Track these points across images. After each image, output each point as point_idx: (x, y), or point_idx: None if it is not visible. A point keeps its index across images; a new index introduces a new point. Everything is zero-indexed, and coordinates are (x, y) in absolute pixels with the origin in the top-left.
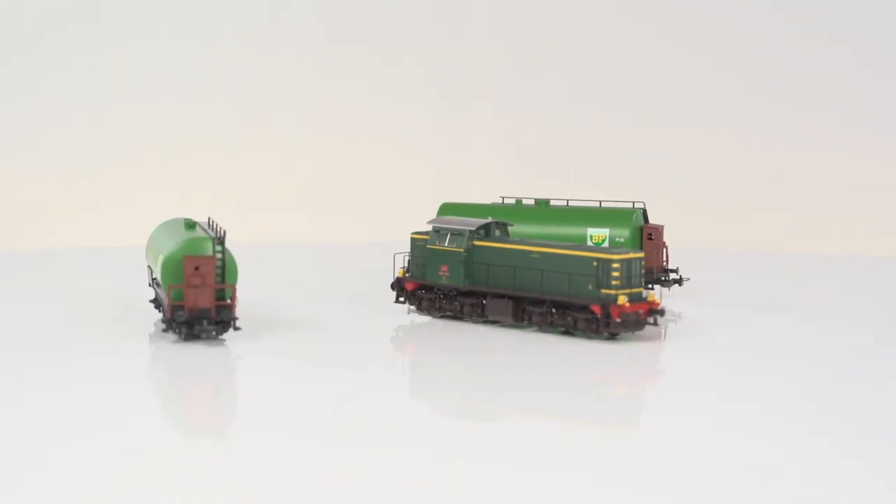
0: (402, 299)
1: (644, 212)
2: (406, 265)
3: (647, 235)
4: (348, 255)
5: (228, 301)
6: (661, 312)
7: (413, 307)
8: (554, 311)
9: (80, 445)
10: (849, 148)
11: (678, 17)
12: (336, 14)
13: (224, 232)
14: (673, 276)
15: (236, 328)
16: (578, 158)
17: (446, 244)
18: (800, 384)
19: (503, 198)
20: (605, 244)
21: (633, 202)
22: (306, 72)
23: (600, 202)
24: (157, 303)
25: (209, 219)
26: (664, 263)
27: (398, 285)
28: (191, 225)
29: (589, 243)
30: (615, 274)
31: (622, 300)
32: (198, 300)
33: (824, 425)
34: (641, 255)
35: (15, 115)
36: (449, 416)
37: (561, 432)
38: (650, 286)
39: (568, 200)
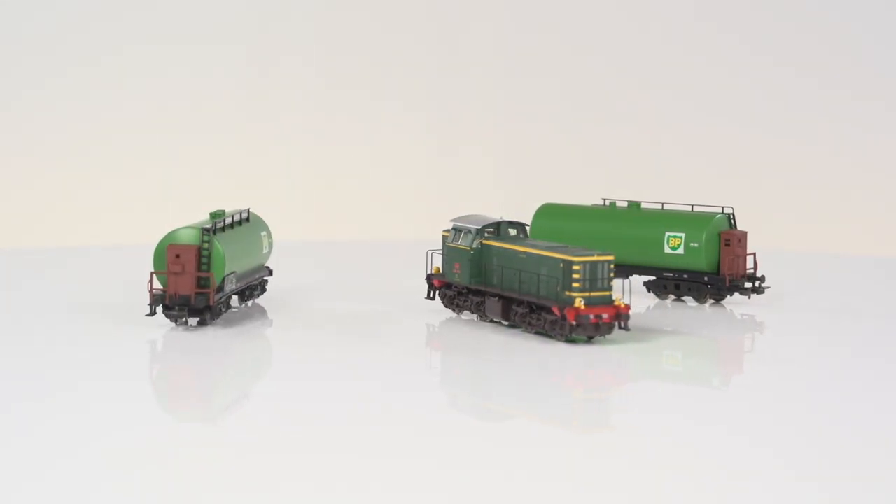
0: (432, 295)
1: (730, 217)
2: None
3: (724, 241)
4: (397, 252)
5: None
6: (628, 317)
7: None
8: (532, 311)
9: (77, 427)
10: None
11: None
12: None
13: (216, 224)
14: (754, 284)
15: (215, 314)
16: (700, 163)
17: (459, 242)
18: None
19: (605, 199)
20: (681, 250)
21: (723, 207)
22: (340, 72)
23: (692, 206)
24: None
25: (248, 210)
26: (746, 271)
27: (429, 282)
28: (217, 215)
29: (665, 248)
30: (576, 276)
31: (578, 303)
32: (178, 287)
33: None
34: (609, 258)
35: (23, 115)
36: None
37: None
38: (727, 293)
39: (663, 203)
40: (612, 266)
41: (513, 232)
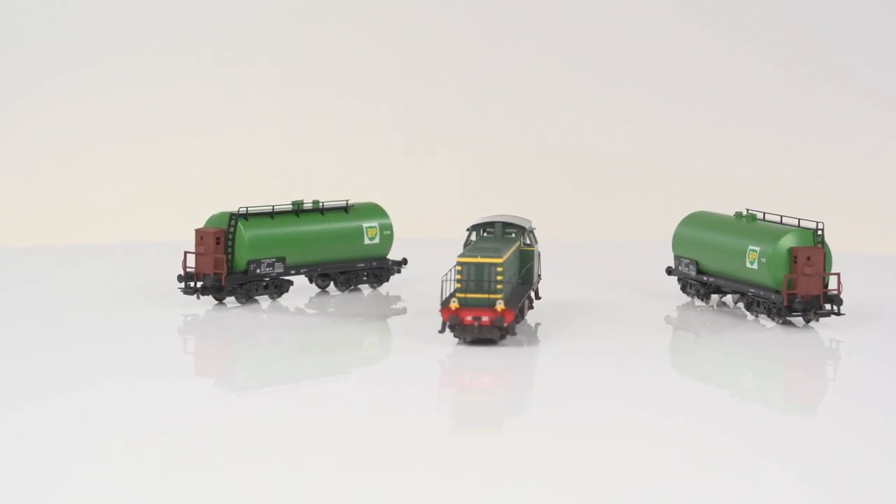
0: None
1: (815, 233)
2: None
3: (792, 258)
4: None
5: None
6: (502, 320)
7: None
8: None
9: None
10: None
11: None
12: None
13: (246, 209)
14: (829, 306)
15: (238, 295)
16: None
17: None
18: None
19: (746, 209)
20: (755, 265)
21: (817, 222)
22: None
23: (798, 220)
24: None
25: (346, 201)
26: (821, 292)
27: None
28: (297, 203)
29: (746, 262)
30: (458, 276)
31: (452, 303)
32: (202, 267)
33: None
34: (497, 260)
35: (34, 112)
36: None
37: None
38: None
39: (781, 217)
40: (499, 269)
41: (513, 234)
